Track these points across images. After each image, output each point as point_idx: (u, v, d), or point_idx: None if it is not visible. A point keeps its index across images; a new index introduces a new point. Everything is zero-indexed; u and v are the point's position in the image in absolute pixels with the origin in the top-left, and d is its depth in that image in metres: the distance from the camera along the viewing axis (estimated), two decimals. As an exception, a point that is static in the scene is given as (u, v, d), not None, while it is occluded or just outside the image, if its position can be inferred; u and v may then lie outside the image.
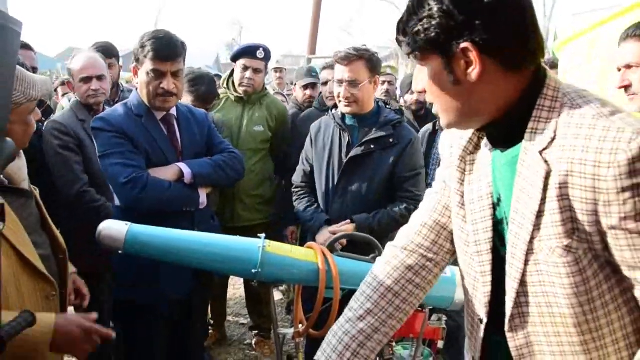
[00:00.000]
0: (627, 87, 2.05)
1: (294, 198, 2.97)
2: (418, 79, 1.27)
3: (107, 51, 3.59)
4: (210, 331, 4.10)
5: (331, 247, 1.90)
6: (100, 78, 3.01)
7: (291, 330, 1.94)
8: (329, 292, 1.80)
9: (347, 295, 1.89)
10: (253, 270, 1.77)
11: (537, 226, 1.15)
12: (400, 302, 1.42)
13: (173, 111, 2.51)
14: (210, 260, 1.84)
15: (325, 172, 2.82)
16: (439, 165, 2.64)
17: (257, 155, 3.60)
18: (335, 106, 2.94)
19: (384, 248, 1.50)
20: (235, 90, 3.71)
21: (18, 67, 1.63)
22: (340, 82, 2.71)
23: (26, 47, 3.54)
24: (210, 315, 4.10)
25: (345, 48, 2.78)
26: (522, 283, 1.22)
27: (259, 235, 1.85)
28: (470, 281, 1.35)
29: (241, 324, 4.54)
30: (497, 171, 1.26)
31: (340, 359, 1.37)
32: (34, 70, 3.51)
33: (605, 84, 2.44)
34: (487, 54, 1.11)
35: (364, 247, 2.14)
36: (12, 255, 1.57)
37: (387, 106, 2.89)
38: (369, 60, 2.72)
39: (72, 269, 1.97)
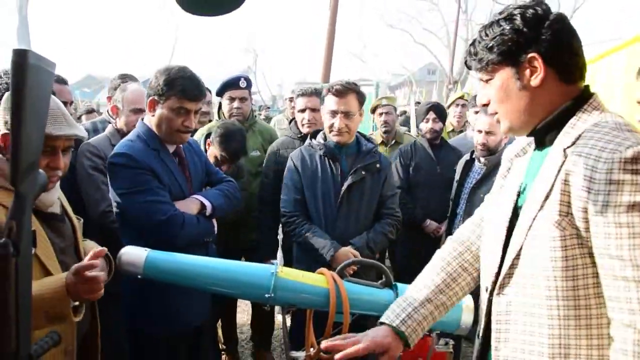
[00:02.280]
0: None
1: (292, 227, 2.96)
2: (482, 94, 1.53)
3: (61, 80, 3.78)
4: (223, 356, 4.13)
5: (341, 273, 1.95)
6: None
7: (303, 354, 1.99)
8: (339, 316, 1.85)
9: (357, 319, 1.95)
10: (266, 295, 1.83)
11: (542, 206, 1.35)
12: (450, 280, 1.71)
13: None
14: (225, 285, 1.91)
15: (321, 199, 2.95)
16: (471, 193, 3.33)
17: (257, 178, 3.72)
18: (312, 135, 3.15)
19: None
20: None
21: (57, 104, 1.76)
22: (335, 113, 2.90)
23: (62, 81, 3.63)
24: (222, 340, 4.15)
25: (337, 82, 2.98)
26: (518, 255, 1.42)
27: (272, 261, 1.91)
28: (487, 255, 1.57)
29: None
30: (530, 167, 1.51)
31: (396, 318, 1.64)
32: (68, 103, 3.61)
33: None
34: (549, 62, 1.37)
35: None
36: (38, 268, 1.70)
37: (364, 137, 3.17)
38: (359, 94, 2.98)
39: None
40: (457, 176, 3.79)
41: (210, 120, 4.51)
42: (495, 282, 1.50)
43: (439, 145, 4.37)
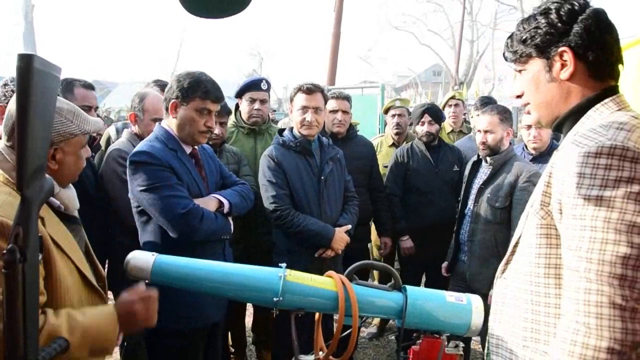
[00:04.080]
0: None
1: (287, 219, 3.18)
2: (515, 86, 1.59)
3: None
4: (232, 358, 4.14)
5: (349, 276, 1.93)
6: None
7: (311, 357, 1.97)
8: (347, 319, 1.83)
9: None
10: (274, 299, 1.82)
11: (536, 196, 1.44)
12: None
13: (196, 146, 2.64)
14: (233, 289, 1.89)
15: (307, 190, 3.27)
16: (478, 193, 3.43)
17: None
18: (279, 133, 3.48)
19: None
20: (245, 123, 3.86)
21: (73, 104, 1.80)
22: (306, 108, 3.26)
23: (88, 86, 3.59)
24: (231, 342, 4.15)
25: (305, 83, 3.33)
26: (517, 242, 1.53)
27: (279, 264, 1.90)
28: None
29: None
30: None
31: None
32: (93, 109, 3.52)
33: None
34: (579, 57, 1.40)
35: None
36: (75, 271, 1.73)
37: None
38: (324, 93, 3.38)
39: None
40: (465, 178, 3.78)
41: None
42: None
43: (437, 146, 4.36)
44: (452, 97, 5.86)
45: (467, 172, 3.78)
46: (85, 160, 1.88)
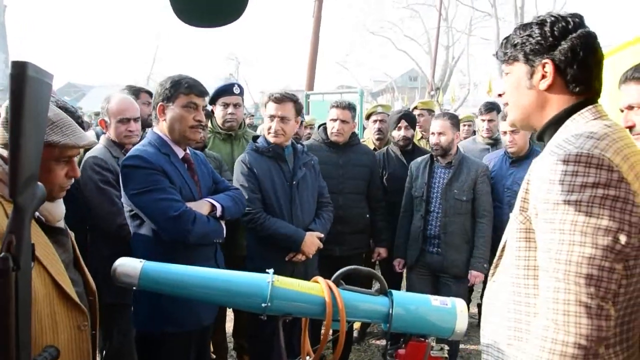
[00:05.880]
0: (631, 128, 2.15)
1: (259, 222, 3.24)
2: (501, 85, 1.67)
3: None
4: (213, 365, 4.12)
5: (336, 281, 1.94)
6: (136, 120, 3.23)
7: (299, 362, 1.98)
8: (335, 324, 1.84)
9: (352, 327, 1.95)
10: (263, 305, 1.82)
11: (517, 202, 1.52)
12: None
13: (188, 150, 2.67)
14: (221, 295, 1.89)
15: (278, 194, 3.33)
16: (440, 193, 3.69)
17: None
18: (253, 140, 3.52)
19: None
20: (221, 129, 3.87)
21: (63, 114, 1.73)
22: (273, 117, 3.33)
23: None
24: (212, 349, 4.13)
25: (277, 91, 3.40)
26: (504, 246, 1.61)
27: (267, 270, 1.90)
28: None
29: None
30: None
31: None
32: None
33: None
34: (560, 72, 1.48)
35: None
36: (49, 283, 1.65)
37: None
38: (296, 103, 3.43)
39: None
40: (422, 178, 3.98)
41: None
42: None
43: (411, 151, 4.54)
44: (416, 107, 5.85)
45: (419, 173, 4.02)
46: (62, 176, 1.78)
